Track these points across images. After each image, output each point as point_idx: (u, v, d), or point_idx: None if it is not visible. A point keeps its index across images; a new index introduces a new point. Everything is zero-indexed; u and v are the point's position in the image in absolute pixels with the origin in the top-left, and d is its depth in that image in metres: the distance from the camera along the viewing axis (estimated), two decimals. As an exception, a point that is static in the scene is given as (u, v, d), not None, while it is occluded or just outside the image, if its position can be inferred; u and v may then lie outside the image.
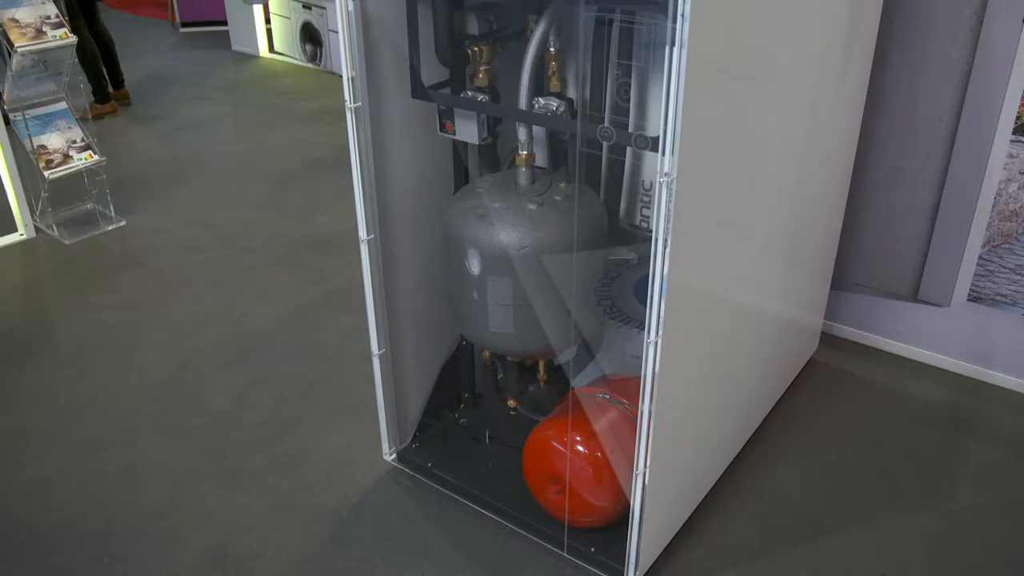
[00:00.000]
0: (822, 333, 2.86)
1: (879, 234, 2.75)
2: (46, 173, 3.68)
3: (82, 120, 3.85)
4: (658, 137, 1.51)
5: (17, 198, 3.71)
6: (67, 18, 3.69)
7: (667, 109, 1.48)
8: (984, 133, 2.46)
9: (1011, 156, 2.45)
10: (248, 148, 4.86)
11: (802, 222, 2.31)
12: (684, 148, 1.51)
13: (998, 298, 2.61)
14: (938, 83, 2.49)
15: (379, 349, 2.18)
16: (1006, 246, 2.55)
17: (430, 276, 2.27)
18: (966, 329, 2.70)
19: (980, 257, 2.60)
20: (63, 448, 2.50)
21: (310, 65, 6.38)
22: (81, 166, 3.77)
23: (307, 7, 6.16)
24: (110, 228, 3.86)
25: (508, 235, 1.92)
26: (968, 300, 2.66)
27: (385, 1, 1.90)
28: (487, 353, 2.31)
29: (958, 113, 2.49)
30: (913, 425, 2.54)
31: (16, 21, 3.50)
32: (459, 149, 2.21)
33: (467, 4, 1.97)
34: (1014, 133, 2.42)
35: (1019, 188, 2.48)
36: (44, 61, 3.63)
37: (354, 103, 1.91)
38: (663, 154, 1.51)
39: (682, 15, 1.40)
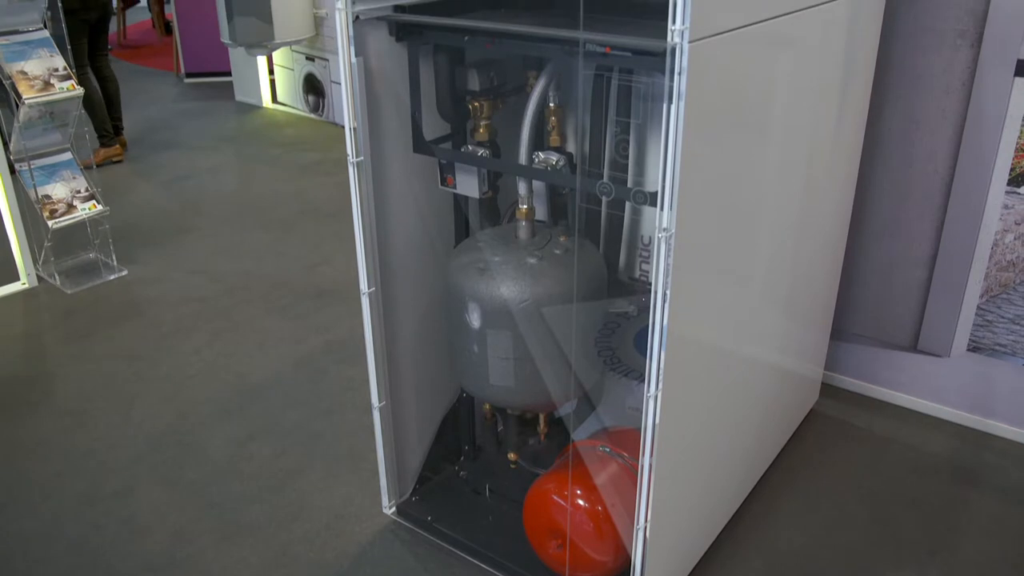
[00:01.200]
0: (823, 384, 2.86)
1: (878, 285, 2.76)
2: (50, 223, 3.70)
3: (86, 168, 3.88)
4: (656, 192, 1.53)
5: (20, 247, 3.73)
6: (75, 68, 3.74)
7: (665, 165, 1.50)
8: (979, 184, 2.49)
9: (1006, 207, 2.47)
10: (250, 197, 4.90)
11: (801, 273, 2.32)
12: (682, 203, 1.52)
13: (997, 348, 2.61)
14: (933, 135, 2.52)
15: (379, 402, 2.18)
16: (1004, 296, 2.56)
17: (430, 329, 2.27)
18: (966, 379, 2.69)
19: (979, 307, 2.61)
20: (61, 498, 2.48)
21: (312, 116, 6.45)
22: (85, 216, 3.80)
23: (310, 59, 6.25)
24: (112, 278, 3.87)
25: (508, 289, 1.93)
26: (968, 350, 2.66)
27: (387, 55, 1.94)
28: (487, 406, 2.31)
29: (953, 165, 2.52)
30: (916, 477, 2.52)
31: (25, 73, 3.56)
32: (460, 203, 2.23)
33: (468, 60, 2.01)
34: (1009, 184, 2.45)
35: (1015, 239, 2.50)
36: (51, 112, 3.69)
37: (356, 157, 1.93)
38: (661, 209, 1.53)
39: (679, 72, 1.42)
